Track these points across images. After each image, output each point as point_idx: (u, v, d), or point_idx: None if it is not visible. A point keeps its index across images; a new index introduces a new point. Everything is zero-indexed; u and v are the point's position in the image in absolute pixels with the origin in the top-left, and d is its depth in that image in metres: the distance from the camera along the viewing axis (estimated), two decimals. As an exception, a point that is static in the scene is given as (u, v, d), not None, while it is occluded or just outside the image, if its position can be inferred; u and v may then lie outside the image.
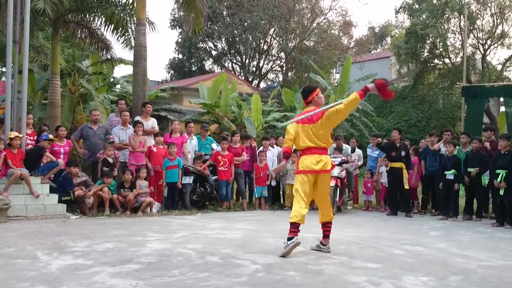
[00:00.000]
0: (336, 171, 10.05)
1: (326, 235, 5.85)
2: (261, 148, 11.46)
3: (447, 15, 23.22)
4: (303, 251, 5.85)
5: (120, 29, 13.84)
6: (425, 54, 24.23)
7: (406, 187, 10.28)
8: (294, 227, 5.50)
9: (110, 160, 9.68)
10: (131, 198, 9.20)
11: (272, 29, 35.81)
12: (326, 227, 5.83)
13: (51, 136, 9.39)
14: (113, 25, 13.71)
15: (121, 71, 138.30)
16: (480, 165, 9.56)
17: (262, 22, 33.72)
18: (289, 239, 5.46)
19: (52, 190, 8.77)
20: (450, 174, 9.86)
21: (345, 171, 10.81)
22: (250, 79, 36.90)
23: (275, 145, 11.81)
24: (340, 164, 10.63)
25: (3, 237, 6.30)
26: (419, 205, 11.14)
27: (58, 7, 11.61)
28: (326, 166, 5.61)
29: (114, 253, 5.44)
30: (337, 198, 10.19)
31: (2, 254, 5.24)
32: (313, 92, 5.84)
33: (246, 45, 36.60)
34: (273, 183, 11.34)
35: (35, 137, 9.61)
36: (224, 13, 35.71)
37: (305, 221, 5.52)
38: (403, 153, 10.40)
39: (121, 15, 13.61)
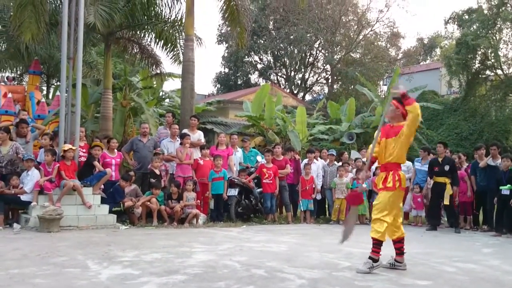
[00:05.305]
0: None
1: (402, 252, 5.64)
2: (306, 161, 11.39)
3: (499, 25, 22.52)
4: (350, 266, 5.75)
5: (169, 44, 14.24)
6: (476, 65, 23.54)
7: (446, 202, 10.03)
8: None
9: (157, 172, 9.87)
10: (178, 209, 9.34)
11: (318, 42, 35.78)
12: (400, 243, 5.63)
13: (95, 143, 9.70)
14: (162, 41, 14.13)
15: (170, 85, 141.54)
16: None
17: (308, 35, 33.77)
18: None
19: (103, 201, 9.02)
20: (505, 189, 9.47)
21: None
22: (295, 92, 36.92)
23: (319, 158, 11.73)
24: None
25: (56, 246, 6.51)
26: (471, 221, 10.75)
27: (109, 23, 12.06)
28: None
29: (161, 263, 5.53)
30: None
31: (54, 263, 5.42)
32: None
33: (291, 58, 36.71)
34: (318, 196, 11.24)
35: (87, 149, 9.94)
36: (270, 26, 35.99)
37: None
38: (446, 168, 10.12)
39: (170, 31, 14.01)
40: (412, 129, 5.44)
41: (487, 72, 24.12)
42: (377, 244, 5.43)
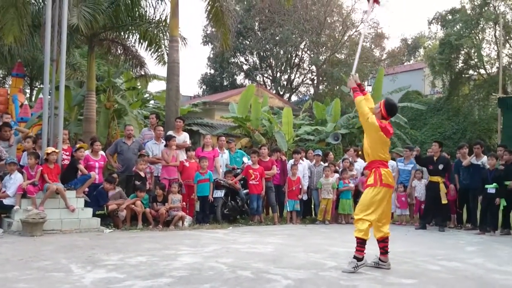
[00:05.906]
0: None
1: (386, 251, 5.68)
2: (292, 161, 11.40)
3: (482, 25, 22.84)
4: (336, 266, 5.77)
5: (154, 45, 14.18)
6: (460, 65, 23.83)
7: (444, 201, 10.05)
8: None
9: (142, 174, 9.81)
10: (163, 212, 9.28)
11: (303, 43, 35.90)
12: (384, 242, 5.67)
13: (78, 145, 9.62)
14: (147, 42, 14.07)
15: (155, 86, 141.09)
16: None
17: (293, 36, 33.87)
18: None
19: (86, 204, 8.93)
20: (491, 188, 9.56)
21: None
22: (281, 93, 36.99)
23: (305, 159, 11.75)
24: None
25: (39, 250, 6.44)
26: (455, 219, 10.85)
27: (93, 24, 11.96)
28: None
29: (146, 266, 5.49)
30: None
31: (38, 267, 5.36)
32: None
33: (277, 59, 36.79)
34: (305, 197, 11.26)
35: (71, 152, 9.84)
36: (256, 28, 36.04)
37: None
38: (440, 167, 10.18)
39: (155, 32, 13.95)
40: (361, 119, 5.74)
41: (470, 71, 24.46)
42: (361, 243, 5.48)
